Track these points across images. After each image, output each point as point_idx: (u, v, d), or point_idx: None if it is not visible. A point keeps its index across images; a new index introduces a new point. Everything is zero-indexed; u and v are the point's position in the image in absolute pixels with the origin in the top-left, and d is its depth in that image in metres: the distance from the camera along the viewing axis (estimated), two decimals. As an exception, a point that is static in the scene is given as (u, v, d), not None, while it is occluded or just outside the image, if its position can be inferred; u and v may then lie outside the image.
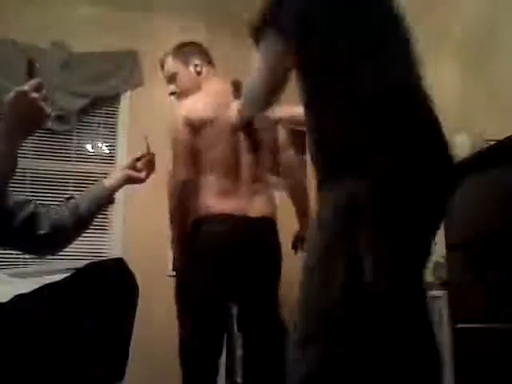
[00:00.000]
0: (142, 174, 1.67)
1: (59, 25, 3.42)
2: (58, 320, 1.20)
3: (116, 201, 3.55)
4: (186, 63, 2.16)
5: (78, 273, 1.32)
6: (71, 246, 3.09)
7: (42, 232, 1.33)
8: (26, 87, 1.14)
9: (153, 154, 1.72)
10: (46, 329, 1.18)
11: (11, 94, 1.13)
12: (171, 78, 2.17)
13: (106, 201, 1.56)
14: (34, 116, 1.16)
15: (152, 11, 3.65)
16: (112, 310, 1.28)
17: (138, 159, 1.68)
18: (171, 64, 2.17)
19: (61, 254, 3.13)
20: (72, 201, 1.47)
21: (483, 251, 1.82)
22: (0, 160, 1.12)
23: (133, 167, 1.65)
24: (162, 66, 2.25)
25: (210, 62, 2.20)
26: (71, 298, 1.25)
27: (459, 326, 1.92)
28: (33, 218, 1.32)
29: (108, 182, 1.57)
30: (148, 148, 1.74)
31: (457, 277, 1.99)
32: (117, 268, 1.35)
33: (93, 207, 1.48)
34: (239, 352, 2.93)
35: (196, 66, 2.15)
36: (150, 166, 1.70)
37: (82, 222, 1.46)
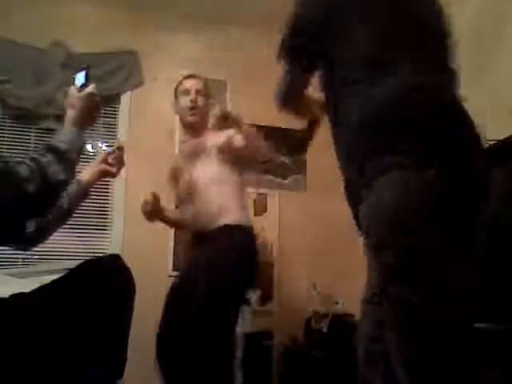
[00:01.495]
0: (114, 169, 1.75)
1: (59, 25, 3.42)
2: (56, 319, 1.20)
3: (116, 201, 3.56)
4: None
5: (75, 271, 1.32)
6: (71, 245, 3.09)
7: (29, 230, 1.40)
8: (94, 89, 1.39)
9: (123, 148, 1.80)
10: (44, 328, 1.18)
11: (85, 92, 1.38)
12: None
13: (83, 196, 1.64)
14: (95, 113, 1.41)
15: (152, 11, 3.65)
16: (110, 306, 1.28)
17: (111, 153, 1.76)
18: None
19: (60, 253, 3.14)
20: None
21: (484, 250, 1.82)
22: (73, 138, 1.32)
23: (105, 161, 1.73)
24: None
25: None
26: (69, 297, 1.25)
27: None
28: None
29: (84, 178, 1.65)
30: (118, 140, 1.84)
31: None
32: (113, 265, 1.36)
33: (72, 203, 1.57)
34: (239, 353, 2.94)
35: None
36: (121, 159, 1.77)
37: (63, 218, 1.56)
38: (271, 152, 2.43)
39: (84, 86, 1.41)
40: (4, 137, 3.30)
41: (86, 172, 1.68)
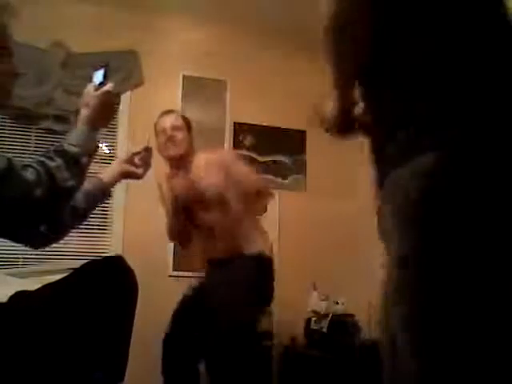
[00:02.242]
0: (139, 170, 1.65)
1: (59, 25, 3.42)
2: (57, 320, 1.20)
3: (116, 201, 3.56)
4: None
5: (78, 272, 1.32)
6: (71, 245, 3.09)
7: (43, 229, 1.35)
8: (111, 88, 1.35)
9: (151, 149, 1.71)
10: (46, 329, 1.18)
11: (102, 90, 1.34)
12: None
13: (102, 196, 1.57)
14: (110, 113, 1.38)
15: (152, 11, 3.65)
16: (112, 308, 1.28)
17: (137, 154, 1.67)
18: None
19: (61, 253, 3.14)
20: None
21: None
22: (85, 139, 1.29)
23: (131, 162, 1.64)
24: None
25: None
26: (71, 298, 1.25)
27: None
28: None
29: (104, 178, 1.57)
30: (148, 141, 1.73)
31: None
32: (116, 266, 1.35)
33: (89, 203, 1.50)
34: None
35: None
36: (148, 161, 1.68)
37: (78, 218, 1.49)
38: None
39: (102, 84, 1.38)
40: (4, 137, 3.30)
41: (107, 171, 1.60)
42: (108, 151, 3.58)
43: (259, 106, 3.78)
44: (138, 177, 1.67)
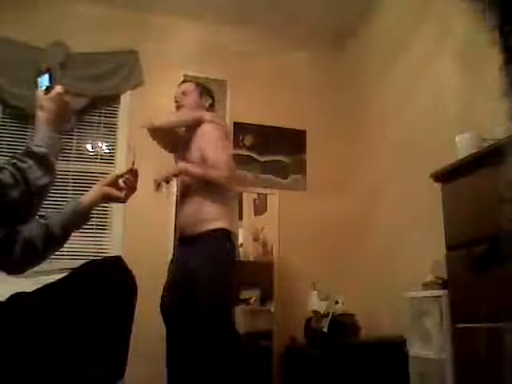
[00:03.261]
0: (122, 194, 1.57)
1: (59, 25, 3.42)
2: (57, 320, 1.20)
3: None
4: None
5: (77, 272, 1.32)
6: (71, 245, 3.10)
7: (16, 254, 1.31)
8: (61, 89, 1.36)
9: (136, 171, 1.60)
10: (46, 328, 1.18)
11: (52, 93, 1.35)
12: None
13: (80, 220, 1.50)
14: (66, 113, 1.39)
15: (152, 11, 3.66)
16: (111, 308, 1.28)
17: (121, 176, 1.59)
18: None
19: (61, 253, 3.13)
20: (44, 221, 1.40)
21: (483, 251, 1.81)
22: (49, 139, 1.31)
23: (114, 184, 1.57)
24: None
25: None
26: (70, 298, 1.25)
27: (459, 325, 1.92)
28: (8, 239, 1.31)
29: (84, 200, 1.50)
30: (133, 163, 1.62)
31: (457, 277, 1.99)
32: (115, 267, 1.35)
33: (66, 227, 1.43)
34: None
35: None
36: (133, 184, 1.60)
37: (54, 243, 1.42)
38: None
39: (49, 87, 1.39)
40: (4, 136, 3.31)
41: (88, 194, 1.54)
42: (108, 151, 3.59)
43: (259, 106, 3.78)
44: (120, 201, 1.59)
